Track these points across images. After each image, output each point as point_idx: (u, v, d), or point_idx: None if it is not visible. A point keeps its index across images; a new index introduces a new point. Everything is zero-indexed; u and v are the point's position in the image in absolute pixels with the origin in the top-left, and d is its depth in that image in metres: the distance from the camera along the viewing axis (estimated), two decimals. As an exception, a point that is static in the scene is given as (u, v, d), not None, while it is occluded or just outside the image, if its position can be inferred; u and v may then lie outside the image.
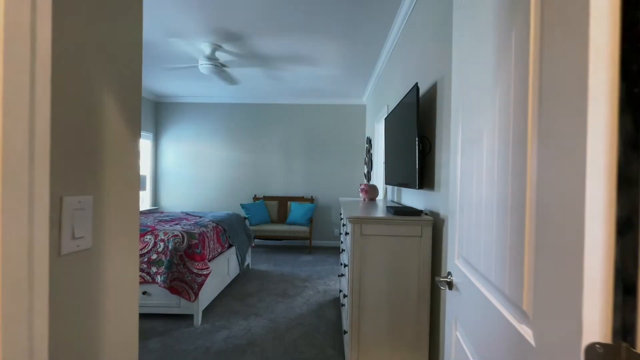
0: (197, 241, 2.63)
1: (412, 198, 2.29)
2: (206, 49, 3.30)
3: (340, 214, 2.96)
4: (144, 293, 2.54)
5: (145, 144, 5.43)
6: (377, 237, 1.71)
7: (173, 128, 5.68)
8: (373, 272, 1.72)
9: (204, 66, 3.35)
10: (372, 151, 4.64)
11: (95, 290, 0.72)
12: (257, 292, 3.28)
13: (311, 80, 4.47)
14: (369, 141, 4.77)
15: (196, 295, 2.50)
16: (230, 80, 3.71)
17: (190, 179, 5.66)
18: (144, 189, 4.73)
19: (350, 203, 2.63)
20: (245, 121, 5.62)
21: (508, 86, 0.66)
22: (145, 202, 5.41)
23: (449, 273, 1.09)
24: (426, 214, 1.85)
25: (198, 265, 2.53)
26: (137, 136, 0.85)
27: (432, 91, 1.88)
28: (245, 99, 5.55)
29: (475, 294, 0.83)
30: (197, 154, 5.65)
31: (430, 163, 1.90)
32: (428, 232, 1.70)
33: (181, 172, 5.67)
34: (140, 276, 2.51)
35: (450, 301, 1.07)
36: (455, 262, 1.05)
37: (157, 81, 4.69)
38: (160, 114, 5.69)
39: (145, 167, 5.42)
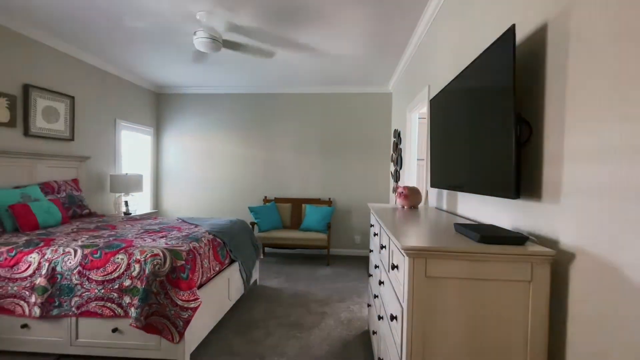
0: (183, 262, 2.00)
1: (484, 209, 1.58)
2: (202, 17, 2.67)
3: (372, 225, 2.28)
4: (115, 330, 1.94)
5: (145, 140, 4.89)
6: (453, 281, 1.02)
7: (176, 122, 5.11)
8: (445, 338, 1.03)
9: (199, 40, 2.72)
10: (401, 146, 3.93)
11: None
12: (265, 320, 2.64)
13: (329, 63, 3.79)
14: (398, 134, 4.05)
15: (181, 335, 1.88)
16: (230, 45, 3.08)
17: (194, 178, 5.09)
18: (140, 190, 4.16)
19: (385, 211, 1.94)
20: (255, 113, 5.00)
21: None
22: (144, 205, 4.87)
23: None
24: (533, 240, 1.14)
25: (183, 295, 1.90)
26: None
27: (536, 41, 1.17)
28: (254, 88, 4.93)
29: None
30: (201, 151, 5.07)
31: (533, 157, 1.19)
32: (544, 276, 0.99)
33: (184, 171, 5.10)
34: (108, 308, 1.91)
35: None
36: None
37: (155, 68, 4.11)
38: (162, 106, 5.14)
39: (144, 166, 4.88)
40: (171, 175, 5.12)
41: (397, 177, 4.05)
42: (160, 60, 3.85)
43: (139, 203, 4.74)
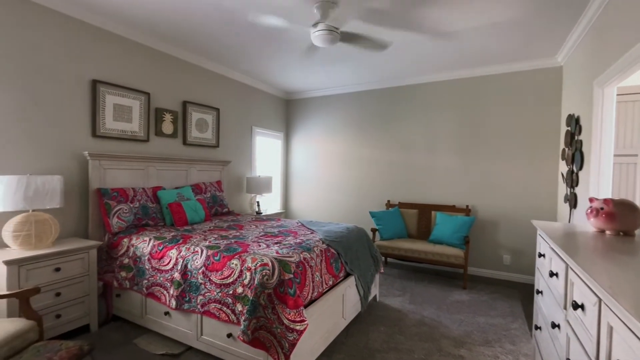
0: (291, 275, 1.81)
1: None
2: (316, 11, 2.49)
3: (541, 255, 1.55)
4: (229, 336, 1.93)
5: (275, 144, 5.25)
6: None
7: (303, 126, 5.29)
8: None
9: (316, 34, 2.55)
10: (580, 137, 2.78)
11: None
12: (383, 352, 2.22)
13: (472, 35, 3.03)
14: (575, 121, 2.90)
15: (287, 357, 1.69)
16: (368, 43, 2.79)
17: (318, 180, 5.13)
18: (270, 191, 4.45)
19: (571, 240, 1.22)
20: (378, 111, 4.62)
21: None
22: (274, 205, 5.23)
23: None
24: None
25: (290, 314, 1.71)
26: None
27: None
28: (377, 83, 4.55)
29: None
30: (325, 153, 5.07)
31: None
32: None
33: (309, 173, 5.22)
34: (224, 312, 1.91)
35: None
36: None
37: (283, 75, 4.30)
38: (291, 111, 5.41)
39: (275, 168, 5.24)
40: (298, 177, 5.33)
41: (572, 181, 2.90)
42: (286, 68, 3.96)
43: (270, 203, 5.12)
